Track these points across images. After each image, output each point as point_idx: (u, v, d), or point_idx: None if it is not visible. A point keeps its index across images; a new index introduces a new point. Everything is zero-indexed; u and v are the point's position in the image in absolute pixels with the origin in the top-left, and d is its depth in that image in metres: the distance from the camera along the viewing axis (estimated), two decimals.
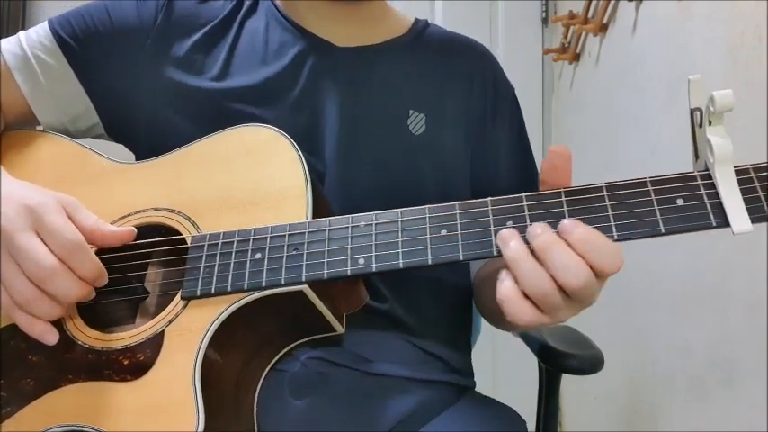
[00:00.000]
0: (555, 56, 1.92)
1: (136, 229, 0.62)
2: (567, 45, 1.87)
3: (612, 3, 1.52)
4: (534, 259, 0.49)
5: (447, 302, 0.76)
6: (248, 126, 0.67)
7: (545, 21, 2.10)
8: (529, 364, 0.99)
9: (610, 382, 1.47)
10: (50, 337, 0.57)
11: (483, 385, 0.78)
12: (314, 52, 0.75)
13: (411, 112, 0.74)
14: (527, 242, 0.50)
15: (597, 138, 1.68)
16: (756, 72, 0.89)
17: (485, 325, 1.00)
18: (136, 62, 0.73)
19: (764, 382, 0.88)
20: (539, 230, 0.50)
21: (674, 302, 1.19)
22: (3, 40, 0.74)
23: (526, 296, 0.50)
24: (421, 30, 0.83)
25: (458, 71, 0.80)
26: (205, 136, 0.67)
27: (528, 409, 0.82)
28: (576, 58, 1.81)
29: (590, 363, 0.87)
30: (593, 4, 1.62)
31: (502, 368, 1.94)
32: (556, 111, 2.05)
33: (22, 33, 0.74)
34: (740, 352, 0.96)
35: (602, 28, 1.58)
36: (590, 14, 1.64)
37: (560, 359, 0.89)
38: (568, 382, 0.92)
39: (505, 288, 0.50)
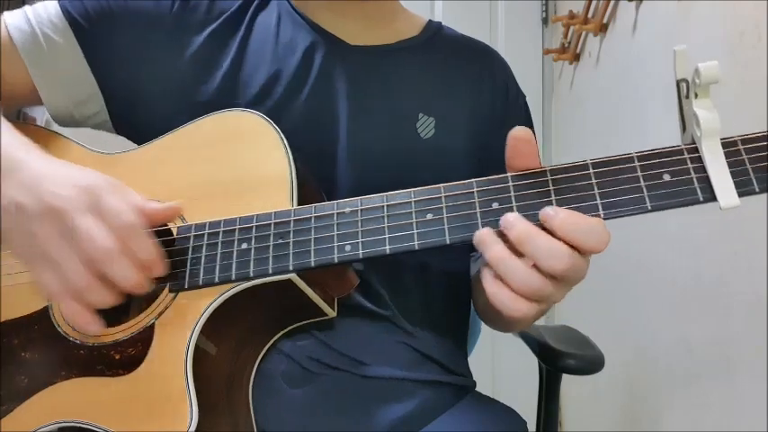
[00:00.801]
0: (555, 56, 1.92)
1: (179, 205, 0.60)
2: (567, 45, 1.87)
3: (612, 3, 1.52)
4: (517, 257, 0.49)
5: (443, 304, 0.76)
6: (230, 111, 0.65)
7: (545, 21, 2.10)
8: (529, 364, 0.99)
9: (610, 382, 1.47)
10: (95, 328, 0.55)
11: (483, 385, 0.78)
12: (325, 48, 0.74)
13: (421, 115, 0.74)
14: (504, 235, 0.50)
15: (597, 138, 1.68)
16: (756, 72, 0.89)
17: (484, 325, 1.00)
18: (148, 48, 0.71)
19: (764, 381, 0.88)
20: (511, 219, 0.49)
21: (674, 302, 1.19)
22: (6, 12, 0.71)
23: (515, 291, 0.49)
24: (434, 32, 0.82)
25: (469, 76, 0.79)
26: (187, 123, 0.66)
27: (528, 410, 0.82)
28: (576, 58, 1.81)
29: (590, 363, 0.87)
30: (593, 4, 1.62)
31: (502, 368, 1.94)
32: (556, 111, 2.05)
33: (28, 8, 0.70)
34: (740, 351, 0.96)
35: (602, 28, 1.57)
36: (590, 14, 1.64)
37: (560, 359, 0.89)
38: (568, 382, 0.92)
39: (493, 288, 0.50)
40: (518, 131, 0.52)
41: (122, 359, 0.57)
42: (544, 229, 0.49)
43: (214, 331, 0.57)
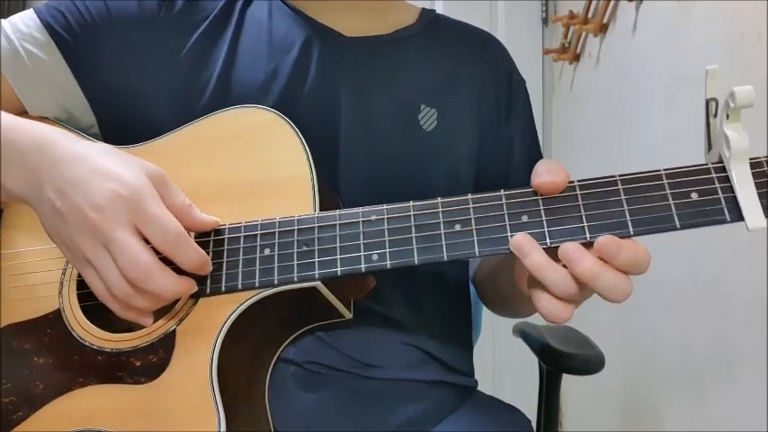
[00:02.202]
0: (555, 56, 1.92)
1: (220, 220, 0.58)
2: (567, 45, 1.87)
3: (612, 3, 1.52)
4: (557, 264, 0.50)
5: (447, 302, 0.76)
6: (242, 108, 0.63)
7: (545, 21, 2.10)
8: (529, 364, 0.99)
9: (610, 382, 1.47)
10: (147, 320, 0.55)
11: (483, 385, 0.78)
12: (322, 42, 0.72)
13: (422, 106, 0.72)
14: (540, 240, 0.51)
15: (597, 138, 1.67)
16: (756, 72, 0.89)
17: (484, 325, 1.00)
18: (136, 57, 0.68)
19: (764, 381, 0.88)
20: (576, 255, 0.49)
21: (674, 302, 1.19)
22: None
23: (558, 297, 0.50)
24: (431, 20, 0.81)
25: (470, 64, 0.78)
26: (198, 119, 0.64)
27: (528, 410, 0.82)
28: (576, 58, 1.80)
29: (591, 363, 0.87)
30: (593, 4, 1.62)
31: (502, 368, 1.94)
32: (556, 111, 2.05)
33: (5, 23, 0.67)
34: (740, 351, 0.96)
35: (602, 28, 1.57)
36: (590, 14, 1.64)
37: (561, 359, 0.89)
38: (568, 382, 0.92)
39: (545, 302, 0.51)
40: (542, 181, 0.52)
41: (144, 366, 0.56)
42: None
43: (235, 336, 0.56)
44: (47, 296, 0.62)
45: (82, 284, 0.62)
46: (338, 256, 0.55)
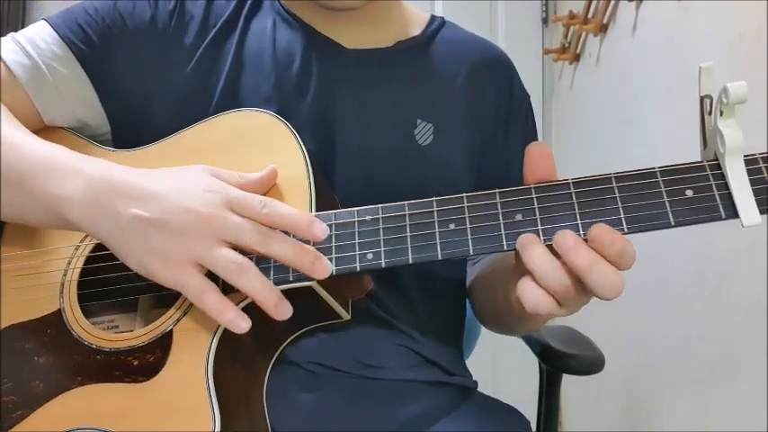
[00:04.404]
0: (555, 56, 1.92)
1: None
2: (567, 45, 1.87)
3: (612, 3, 1.52)
4: (554, 258, 0.49)
5: (442, 307, 0.76)
6: (243, 111, 0.64)
7: (545, 21, 2.10)
8: (529, 365, 0.99)
9: (610, 382, 1.47)
10: (244, 324, 0.52)
11: (483, 385, 0.78)
12: (322, 55, 0.72)
13: (419, 121, 0.72)
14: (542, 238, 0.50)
15: (597, 138, 1.68)
16: (756, 72, 0.89)
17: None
18: (151, 68, 0.69)
19: (764, 382, 0.88)
20: (572, 244, 0.48)
21: (675, 302, 1.19)
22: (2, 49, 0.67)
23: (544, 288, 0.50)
24: (435, 30, 0.79)
25: (471, 78, 0.77)
26: (198, 121, 0.65)
27: (528, 410, 0.82)
28: (576, 58, 1.81)
29: (591, 363, 0.87)
30: (594, 4, 1.62)
31: (502, 368, 1.94)
32: (556, 111, 2.05)
33: (21, 39, 0.67)
34: (740, 351, 0.96)
35: (602, 28, 1.58)
36: (590, 14, 1.64)
37: (561, 360, 0.89)
38: (568, 383, 0.92)
39: (527, 287, 0.50)
40: (534, 147, 0.52)
41: (141, 365, 0.56)
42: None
43: (233, 337, 0.56)
44: (48, 297, 0.62)
45: (82, 285, 0.63)
46: (333, 255, 0.55)
